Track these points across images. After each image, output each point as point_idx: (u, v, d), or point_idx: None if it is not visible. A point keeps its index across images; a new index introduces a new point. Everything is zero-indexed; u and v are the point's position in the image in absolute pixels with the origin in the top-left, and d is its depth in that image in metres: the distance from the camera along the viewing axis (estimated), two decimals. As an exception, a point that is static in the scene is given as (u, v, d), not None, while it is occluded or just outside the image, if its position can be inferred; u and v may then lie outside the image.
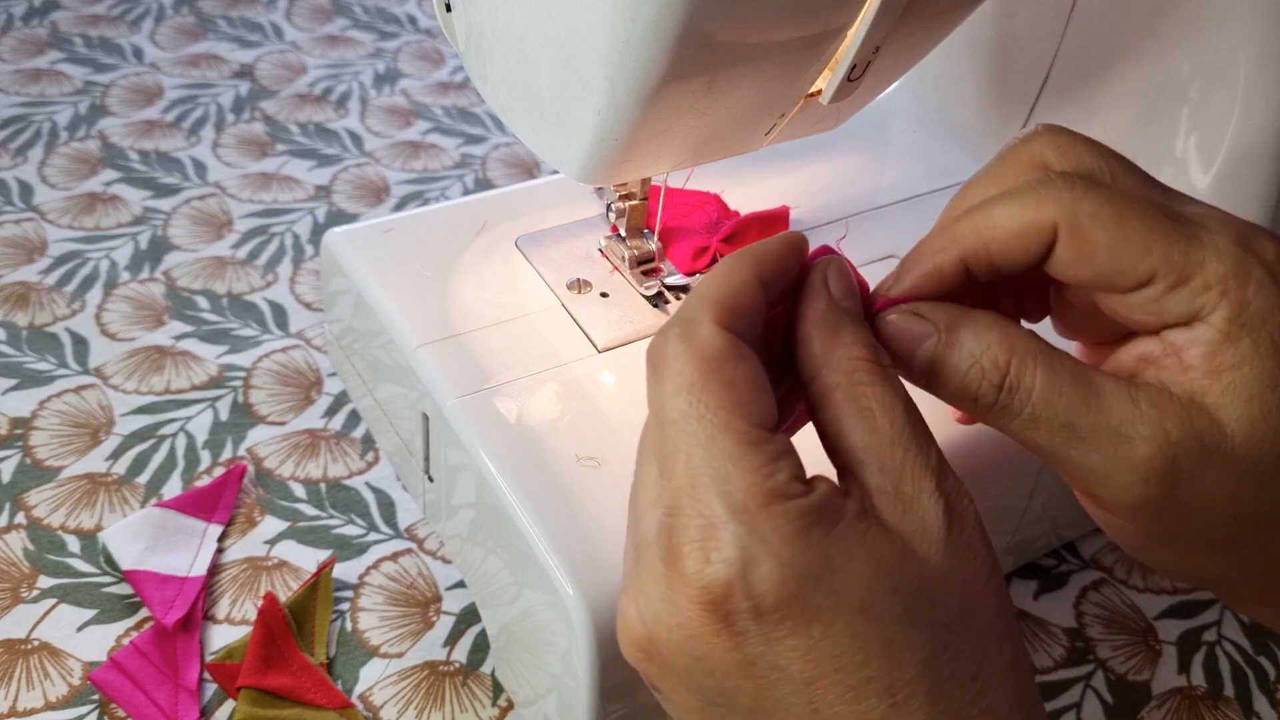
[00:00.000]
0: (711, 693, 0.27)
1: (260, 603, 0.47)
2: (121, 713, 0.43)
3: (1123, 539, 0.31)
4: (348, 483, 0.53)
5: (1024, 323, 0.32)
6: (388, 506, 0.52)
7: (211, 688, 0.45)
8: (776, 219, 0.47)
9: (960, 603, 0.26)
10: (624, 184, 0.45)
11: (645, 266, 0.46)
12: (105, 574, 0.48)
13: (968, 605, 0.26)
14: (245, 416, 0.56)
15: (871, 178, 0.54)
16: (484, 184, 0.73)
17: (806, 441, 0.29)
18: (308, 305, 0.63)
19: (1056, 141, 0.31)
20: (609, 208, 0.46)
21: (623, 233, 0.46)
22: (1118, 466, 0.28)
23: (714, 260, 0.47)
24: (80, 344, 0.59)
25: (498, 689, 0.46)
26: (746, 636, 0.25)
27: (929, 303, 0.30)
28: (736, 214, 0.48)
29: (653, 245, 0.46)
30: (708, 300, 0.28)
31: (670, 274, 0.47)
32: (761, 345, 0.28)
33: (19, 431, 0.54)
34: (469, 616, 0.48)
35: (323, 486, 0.53)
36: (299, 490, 0.53)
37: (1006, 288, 0.33)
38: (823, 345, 0.28)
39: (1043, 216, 0.29)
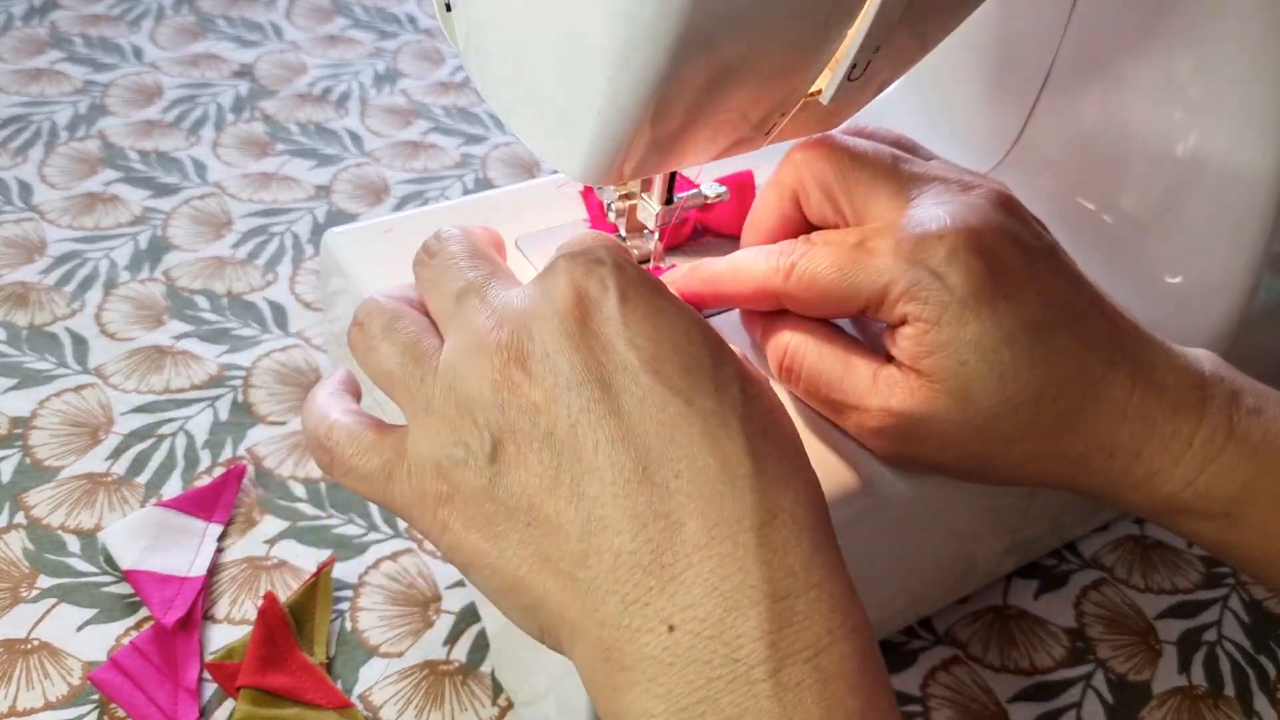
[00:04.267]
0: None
1: (260, 602, 0.47)
2: (121, 713, 0.43)
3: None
4: (347, 482, 0.53)
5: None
6: (387, 506, 0.52)
7: (211, 687, 0.45)
8: (743, 185, 0.49)
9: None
10: (624, 184, 0.45)
11: (645, 266, 0.46)
12: (105, 574, 0.48)
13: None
14: (245, 416, 0.56)
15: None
16: (484, 184, 0.73)
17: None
18: (307, 305, 0.63)
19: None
20: (609, 208, 0.46)
21: (623, 233, 0.46)
22: (862, 429, 0.38)
23: (694, 231, 0.49)
24: (80, 343, 0.59)
25: (497, 688, 0.46)
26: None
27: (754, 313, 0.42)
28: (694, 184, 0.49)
29: (652, 245, 0.46)
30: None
31: (670, 274, 0.47)
32: None
33: (19, 431, 0.54)
34: (469, 616, 0.48)
35: (322, 486, 0.53)
36: (299, 490, 0.53)
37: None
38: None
39: (782, 179, 0.42)
